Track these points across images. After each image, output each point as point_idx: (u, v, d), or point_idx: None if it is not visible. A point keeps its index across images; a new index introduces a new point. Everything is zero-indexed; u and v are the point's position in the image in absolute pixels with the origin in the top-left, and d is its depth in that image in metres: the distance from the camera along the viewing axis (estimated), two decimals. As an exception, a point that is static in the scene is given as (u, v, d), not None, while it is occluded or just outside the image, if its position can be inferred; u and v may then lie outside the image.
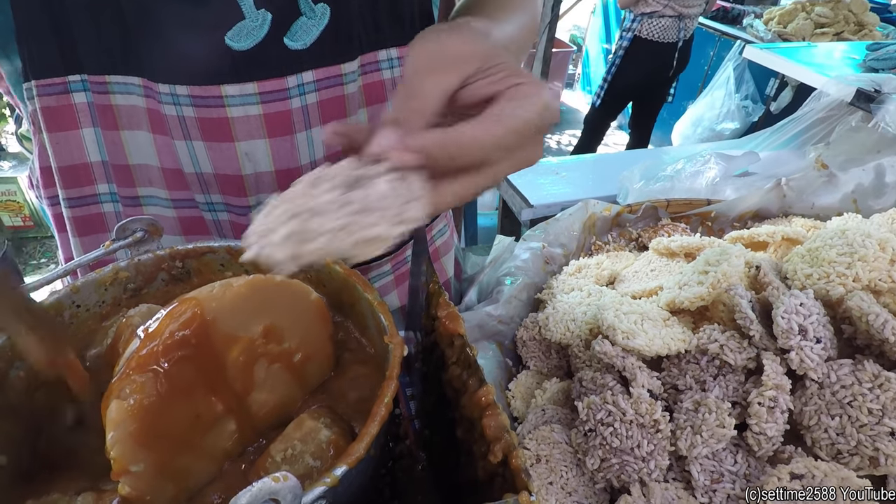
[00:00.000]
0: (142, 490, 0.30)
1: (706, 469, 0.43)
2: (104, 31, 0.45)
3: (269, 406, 0.36)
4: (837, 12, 2.45)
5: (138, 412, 0.29)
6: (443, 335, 0.37)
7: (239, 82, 0.47)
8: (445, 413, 0.38)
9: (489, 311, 0.63)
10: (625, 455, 0.43)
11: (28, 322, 0.32)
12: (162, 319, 0.31)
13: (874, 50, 1.46)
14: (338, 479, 0.27)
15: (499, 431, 0.29)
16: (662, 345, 0.48)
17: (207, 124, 0.49)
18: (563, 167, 1.42)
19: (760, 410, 0.42)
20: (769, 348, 0.45)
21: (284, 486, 0.24)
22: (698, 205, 0.80)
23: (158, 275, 0.44)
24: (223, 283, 0.34)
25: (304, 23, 0.48)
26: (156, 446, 0.30)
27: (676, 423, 0.45)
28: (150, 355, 0.30)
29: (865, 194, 0.75)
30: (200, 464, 0.33)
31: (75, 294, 0.40)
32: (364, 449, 0.29)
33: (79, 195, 0.53)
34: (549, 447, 0.47)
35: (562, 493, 0.45)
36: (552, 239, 0.74)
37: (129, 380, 0.29)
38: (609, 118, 2.84)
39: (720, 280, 0.50)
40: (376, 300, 0.38)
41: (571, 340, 0.56)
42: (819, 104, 1.00)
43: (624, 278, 0.66)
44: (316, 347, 0.38)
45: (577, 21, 4.77)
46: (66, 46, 0.46)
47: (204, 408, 0.32)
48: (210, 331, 0.32)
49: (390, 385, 0.32)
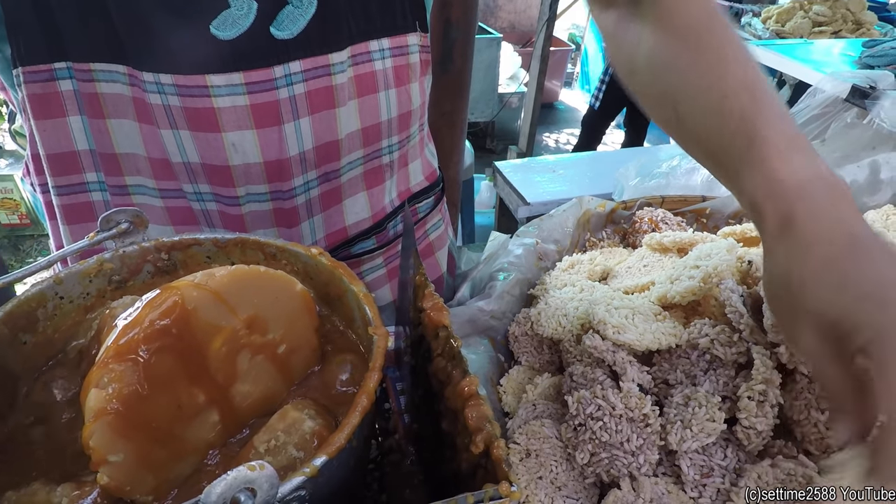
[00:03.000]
0: (121, 480, 0.29)
1: (696, 463, 0.43)
2: (89, 18, 0.45)
3: (252, 397, 0.35)
4: (835, 11, 2.45)
5: (117, 401, 0.29)
6: (428, 327, 0.37)
7: (225, 72, 0.47)
8: (432, 406, 0.38)
9: (481, 306, 0.63)
10: (614, 449, 0.43)
11: None
12: (142, 308, 0.31)
13: (870, 47, 1.46)
14: (317, 469, 0.27)
15: (480, 422, 0.29)
16: (653, 339, 0.48)
17: (193, 114, 0.48)
18: (559, 165, 1.42)
19: (750, 405, 0.42)
20: (759, 342, 0.44)
21: (261, 475, 0.24)
22: (693, 201, 0.80)
23: (144, 267, 0.44)
24: (205, 272, 0.33)
25: (291, 12, 0.47)
26: (135, 436, 0.30)
27: (666, 417, 0.44)
28: (129, 344, 0.29)
29: (860, 191, 0.75)
30: (182, 455, 0.33)
31: (59, 286, 0.40)
32: (345, 439, 0.28)
33: (67, 183, 0.53)
34: (540, 442, 0.47)
35: (551, 487, 0.45)
36: (546, 235, 0.73)
37: (107, 368, 0.29)
38: (607, 119, 2.83)
39: (711, 275, 0.50)
40: (362, 292, 0.38)
41: (563, 335, 0.56)
42: (814, 101, 0.99)
43: (617, 274, 0.65)
44: (301, 339, 0.38)
45: (575, 20, 4.77)
46: (51, 33, 0.45)
47: (185, 398, 0.32)
48: (191, 320, 0.31)
49: (373, 376, 0.31)
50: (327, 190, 0.59)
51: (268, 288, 0.36)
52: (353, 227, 0.63)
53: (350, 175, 0.60)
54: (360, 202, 0.63)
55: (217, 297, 0.33)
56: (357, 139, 0.57)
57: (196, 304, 0.32)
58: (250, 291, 0.35)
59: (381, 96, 0.57)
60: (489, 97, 3.36)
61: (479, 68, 2.71)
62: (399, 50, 0.58)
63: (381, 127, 0.59)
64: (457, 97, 1.36)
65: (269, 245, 0.43)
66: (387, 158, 0.63)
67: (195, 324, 0.32)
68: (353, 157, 0.58)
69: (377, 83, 0.56)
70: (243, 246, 0.44)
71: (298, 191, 0.56)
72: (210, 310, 0.32)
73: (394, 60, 0.57)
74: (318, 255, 0.41)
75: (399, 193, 0.68)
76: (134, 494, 0.30)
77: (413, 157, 0.69)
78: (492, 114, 3.42)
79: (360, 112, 0.56)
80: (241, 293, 0.34)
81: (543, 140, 3.93)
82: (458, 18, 1.14)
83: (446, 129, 1.24)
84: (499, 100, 3.42)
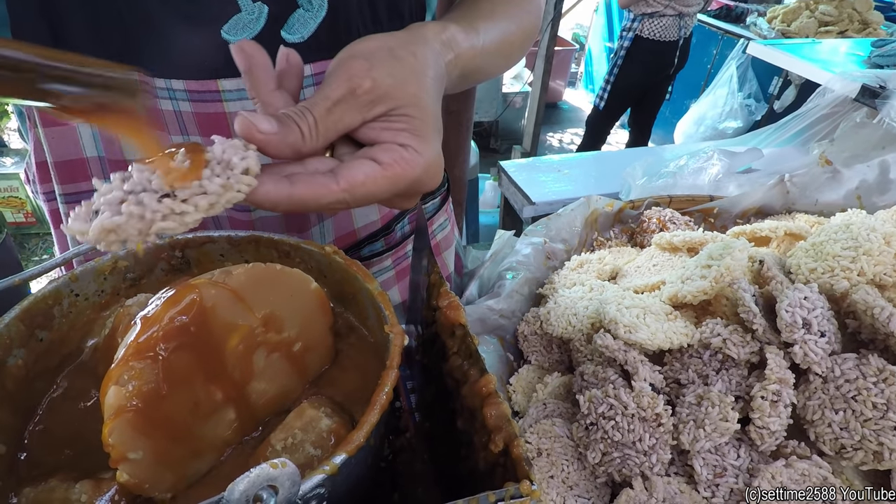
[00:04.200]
0: (140, 478, 0.30)
1: (709, 463, 0.43)
2: (101, 25, 0.45)
3: (268, 395, 0.36)
4: (842, 10, 2.44)
5: (137, 398, 0.29)
6: (444, 325, 0.37)
7: (236, 76, 0.47)
8: (446, 404, 0.38)
9: (490, 306, 0.63)
10: (626, 449, 0.43)
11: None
12: (161, 306, 0.31)
13: (879, 46, 1.46)
14: (337, 467, 0.27)
15: (500, 420, 0.29)
16: (665, 339, 0.48)
17: (204, 119, 0.48)
18: (564, 165, 1.42)
19: (763, 404, 0.41)
20: (773, 342, 0.44)
21: (283, 472, 0.24)
22: (701, 201, 0.80)
23: (158, 264, 0.44)
24: (222, 270, 0.34)
25: (302, 15, 0.47)
26: (154, 434, 0.30)
27: (679, 417, 0.44)
28: (148, 342, 0.30)
29: (870, 191, 0.75)
30: (199, 452, 0.33)
31: (74, 283, 0.40)
32: (364, 437, 0.28)
33: (75, 191, 0.53)
34: (551, 441, 0.47)
35: (563, 486, 0.45)
36: (554, 234, 0.73)
37: (127, 366, 0.29)
38: (612, 120, 2.83)
39: (723, 274, 0.49)
40: (377, 290, 0.38)
41: (573, 335, 0.55)
42: (823, 100, 0.99)
43: (626, 273, 0.65)
44: (316, 337, 0.38)
45: (579, 20, 4.76)
46: (60, 40, 0.45)
47: (203, 396, 0.32)
48: (209, 318, 0.32)
49: (390, 374, 0.32)
50: None
51: (284, 286, 0.36)
52: (362, 230, 0.63)
53: None
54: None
55: (235, 296, 0.33)
56: None
57: (214, 302, 0.32)
58: (267, 289, 0.35)
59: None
60: (493, 97, 3.36)
61: (483, 68, 2.70)
62: None
63: None
64: (463, 97, 1.35)
65: (284, 243, 0.43)
66: None
67: (213, 322, 0.32)
68: None
69: None
70: (257, 244, 0.44)
71: None
72: (228, 308, 0.32)
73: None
74: (333, 253, 0.41)
75: None
76: (152, 492, 0.30)
77: None
78: (496, 113, 3.42)
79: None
80: (257, 291, 0.34)
81: (547, 140, 3.92)
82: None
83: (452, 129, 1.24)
84: (503, 99, 3.42)
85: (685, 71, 2.67)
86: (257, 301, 0.34)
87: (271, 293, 0.35)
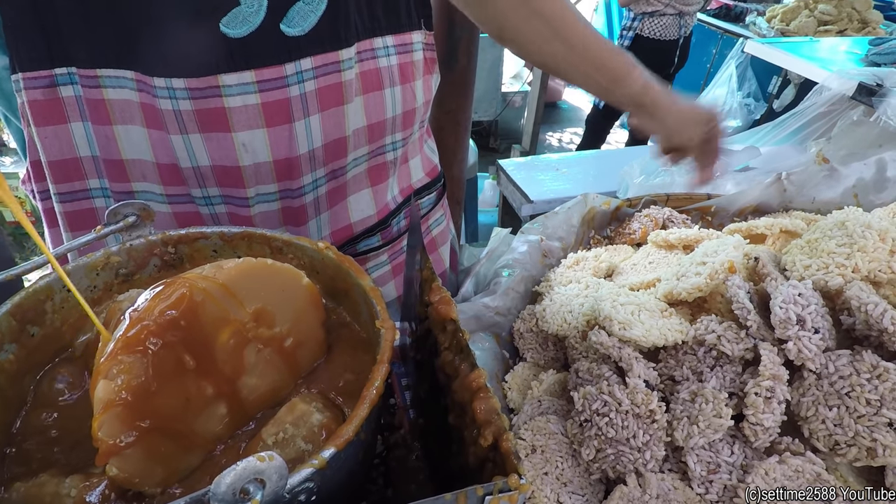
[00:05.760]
0: (130, 472, 0.29)
1: (703, 459, 0.43)
2: (96, 23, 0.45)
3: (260, 390, 0.35)
4: (841, 10, 2.44)
5: (126, 392, 0.29)
6: (435, 320, 0.37)
7: (236, 71, 0.46)
8: (438, 400, 0.38)
9: (486, 303, 0.62)
10: (620, 445, 0.43)
11: None
12: (150, 300, 0.31)
13: (876, 45, 1.45)
14: (326, 461, 0.27)
15: (489, 414, 0.29)
16: (659, 335, 0.47)
17: (205, 116, 0.48)
18: (563, 163, 1.42)
19: (757, 401, 0.41)
20: (767, 339, 0.44)
21: (270, 465, 0.24)
22: (698, 199, 0.80)
23: (150, 260, 0.44)
24: (213, 265, 0.33)
25: (302, 8, 0.47)
26: (144, 428, 0.30)
27: (673, 413, 0.44)
28: (138, 336, 0.29)
29: (866, 189, 0.74)
30: (190, 447, 0.33)
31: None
32: (353, 432, 0.28)
33: (69, 190, 0.53)
34: (545, 438, 0.47)
35: (557, 483, 0.45)
36: (550, 232, 0.73)
37: (116, 360, 0.29)
38: (612, 119, 2.83)
39: (718, 271, 0.49)
40: (369, 286, 0.38)
41: (568, 332, 0.55)
42: (821, 98, 0.99)
43: (622, 271, 0.65)
44: (307, 332, 0.38)
45: (579, 19, 4.75)
46: (53, 39, 0.45)
47: (194, 391, 0.32)
48: (199, 312, 0.31)
49: (381, 369, 0.31)
50: (334, 187, 0.59)
51: (275, 281, 0.36)
52: (358, 225, 0.63)
53: (355, 172, 0.60)
54: (365, 199, 0.63)
55: (225, 290, 0.33)
56: (363, 136, 0.57)
57: (204, 297, 0.32)
58: (258, 284, 0.35)
59: (387, 93, 0.57)
60: (493, 96, 3.35)
61: (482, 67, 2.70)
62: (403, 48, 0.58)
63: (385, 124, 0.59)
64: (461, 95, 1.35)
65: (276, 239, 0.43)
66: (390, 155, 0.62)
67: (203, 316, 0.32)
68: (358, 154, 0.58)
69: (382, 80, 0.56)
70: (249, 240, 0.44)
71: (307, 189, 0.56)
72: (218, 302, 0.32)
73: (398, 58, 0.57)
74: (325, 249, 0.41)
75: (401, 190, 0.68)
76: (142, 486, 0.30)
77: (413, 153, 0.69)
78: (495, 112, 3.42)
79: (365, 109, 0.56)
80: (248, 286, 0.34)
81: (546, 139, 3.92)
82: (463, 17, 1.14)
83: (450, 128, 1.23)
84: (502, 98, 3.42)
85: (685, 70, 2.67)
86: (248, 296, 0.34)
87: (262, 288, 0.35)
